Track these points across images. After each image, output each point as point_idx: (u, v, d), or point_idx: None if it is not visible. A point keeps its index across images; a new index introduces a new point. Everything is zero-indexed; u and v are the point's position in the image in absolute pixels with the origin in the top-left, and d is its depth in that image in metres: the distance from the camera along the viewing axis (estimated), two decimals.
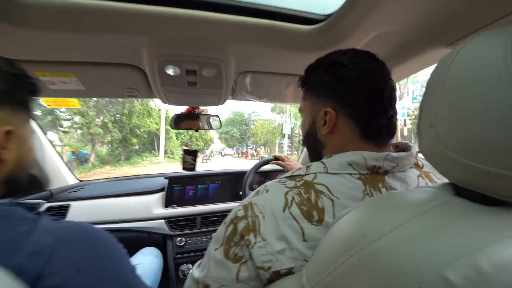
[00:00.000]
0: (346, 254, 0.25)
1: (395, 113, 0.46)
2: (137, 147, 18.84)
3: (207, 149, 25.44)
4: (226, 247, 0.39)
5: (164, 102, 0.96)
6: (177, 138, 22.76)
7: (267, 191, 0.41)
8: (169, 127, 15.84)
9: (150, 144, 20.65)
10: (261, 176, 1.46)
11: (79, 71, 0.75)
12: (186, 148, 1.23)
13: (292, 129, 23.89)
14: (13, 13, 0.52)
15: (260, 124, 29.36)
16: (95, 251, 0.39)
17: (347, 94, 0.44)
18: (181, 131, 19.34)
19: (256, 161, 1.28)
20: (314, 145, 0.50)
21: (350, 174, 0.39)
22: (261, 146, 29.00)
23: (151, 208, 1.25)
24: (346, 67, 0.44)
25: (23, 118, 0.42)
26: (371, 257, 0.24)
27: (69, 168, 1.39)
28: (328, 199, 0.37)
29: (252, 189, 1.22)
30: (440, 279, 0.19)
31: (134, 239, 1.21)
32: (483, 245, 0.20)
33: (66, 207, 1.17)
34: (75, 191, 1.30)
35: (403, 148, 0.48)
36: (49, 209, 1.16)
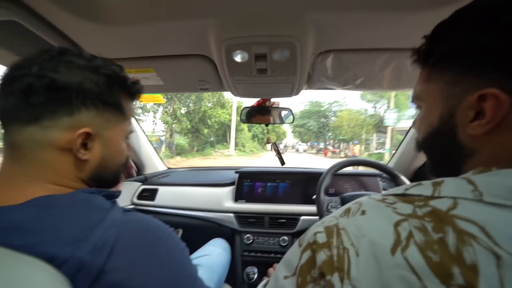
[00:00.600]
0: None
1: None
2: (211, 138, 18.90)
3: (280, 143, 25.57)
4: (301, 281, 0.28)
5: (234, 94, 0.91)
6: (249, 131, 21.83)
7: (363, 212, 0.28)
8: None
9: (223, 135, 20.21)
10: (341, 180, 1.24)
11: (157, 66, 0.77)
12: (268, 143, 1.21)
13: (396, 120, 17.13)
14: (99, 11, 0.54)
15: (346, 114, 23.72)
16: (158, 249, 0.37)
17: None
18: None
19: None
20: (450, 151, 0.31)
21: None
22: (356, 142, 22.77)
23: (222, 201, 1.26)
24: None
25: (112, 120, 0.42)
26: None
27: (159, 156, 1.59)
28: (483, 249, 0.21)
29: (327, 194, 1.03)
30: None
31: (207, 228, 1.25)
32: None
33: (155, 191, 1.33)
34: (163, 177, 1.47)
35: None
36: (143, 191, 1.35)
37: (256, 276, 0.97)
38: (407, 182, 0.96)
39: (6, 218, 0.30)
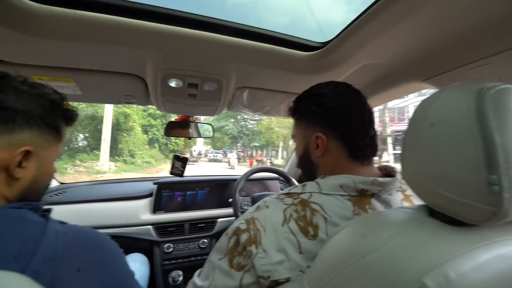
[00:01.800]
0: (344, 265, 0.31)
1: (376, 132, 0.53)
2: (76, 141, 12.07)
3: (194, 150, 21.98)
4: (230, 257, 0.42)
5: (160, 110, 0.97)
6: (146, 132, 15.03)
7: (267, 207, 0.45)
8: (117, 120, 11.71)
9: (98, 139, 11.19)
10: (250, 184, 1.50)
11: (79, 77, 0.75)
12: (179, 154, 1.24)
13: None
14: (15, 19, 0.52)
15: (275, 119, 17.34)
16: (100, 255, 0.41)
17: (333, 120, 0.50)
18: (152, 123, 14.85)
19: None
20: (308, 167, 0.55)
21: (341, 195, 0.45)
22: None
23: (138, 214, 1.23)
24: (329, 97, 0.51)
25: (50, 140, 0.44)
26: (366, 267, 0.29)
27: None
28: (321, 217, 0.42)
29: (240, 195, 1.25)
30: (420, 285, 0.25)
31: (120, 246, 1.18)
32: (450, 259, 0.26)
33: (48, 211, 1.12)
34: (56, 195, 1.25)
35: (389, 172, 0.54)
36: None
37: (181, 278, 1.04)
38: (296, 183, 1.33)
39: None
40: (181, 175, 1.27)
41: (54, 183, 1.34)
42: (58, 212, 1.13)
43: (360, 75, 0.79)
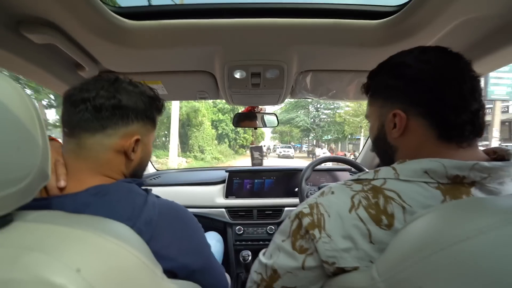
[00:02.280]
0: (424, 252, 0.26)
1: (482, 106, 0.40)
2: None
3: (264, 145, 20.62)
4: (293, 240, 0.42)
5: (228, 102, 1.05)
6: (216, 128, 15.49)
7: (333, 192, 0.42)
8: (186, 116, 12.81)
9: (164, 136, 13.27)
10: (318, 175, 1.45)
11: (164, 79, 0.90)
12: (252, 145, 1.33)
13: None
14: (115, 35, 0.65)
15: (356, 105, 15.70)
16: (185, 225, 0.50)
17: (417, 94, 0.42)
18: (221, 118, 15.64)
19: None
20: (385, 149, 0.48)
21: (426, 182, 0.37)
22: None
23: (214, 198, 1.39)
24: (412, 67, 0.42)
25: (149, 129, 0.55)
26: (454, 257, 0.24)
27: (149, 160, 1.67)
28: (399, 206, 0.36)
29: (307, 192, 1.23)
30: None
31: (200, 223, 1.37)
32: None
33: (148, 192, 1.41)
34: (154, 179, 1.55)
35: (502, 155, 0.41)
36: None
37: (250, 258, 1.12)
38: None
39: (72, 204, 0.40)
40: (261, 163, 1.36)
41: (152, 170, 1.66)
42: (155, 193, 1.40)
43: (457, 36, 0.62)
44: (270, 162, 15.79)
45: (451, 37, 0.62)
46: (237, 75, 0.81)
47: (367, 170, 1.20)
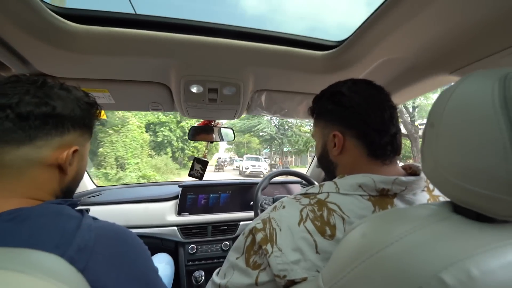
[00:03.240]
0: (358, 260, 0.30)
1: (398, 130, 0.50)
2: None
3: (220, 158, 19.55)
4: (247, 256, 0.43)
5: (184, 115, 1.03)
6: (154, 133, 11.60)
7: (284, 207, 0.45)
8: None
9: None
10: (273, 187, 1.50)
11: (112, 87, 0.83)
12: (199, 157, 1.29)
13: None
14: (56, 37, 0.59)
15: None
16: (127, 250, 0.44)
17: (350, 118, 0.49)
18: (162, 119, 11.64)
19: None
20: (327, 165, 0.55)
21: (360, 195, 0.43)
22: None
23: (164, 215, 1.30)
24: (346, 95, 0.50)
25: (86, 138, 0.50)
26: (379, 263, 0.28)
27: (88, 174, 1.47)
28: (339, 217, 0.41)
29: (262, 201, 1.26)
30: (437, 280, 0.24)
31: (148, 245, 1.25)
32: (473, 254, 0.24)
33: (86, 211, 1.23)
34: (93, 196, 1.37)
35: (414, 170, 0.51)
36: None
37: (203, 278, 1.06)
38: None
39: None
40: (200, 178, 1.31)
41: (91, 185, 1.47)
42: (95, 212, 1.24)
43: (381, 71, 0.76)
44: (228, 176, 13.88)
45: (377, 72, 0.76)
46: (194, 89, 0.81)
47: (316, 183, 1.32)
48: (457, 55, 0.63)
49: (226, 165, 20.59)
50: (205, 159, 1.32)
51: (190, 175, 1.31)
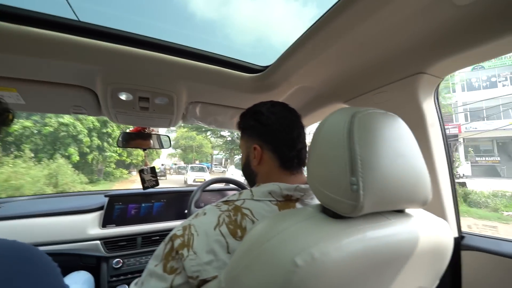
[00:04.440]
0: (246, 254, 0.37)
1: (304, 146, 0.62)
2: None
3: (162, 165, 17.83)
4: (165, 262, 0.45)
5: (113, 121, 0.98)
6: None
7: (205, 214, 0.49)
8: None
9: None
10: (209, 195, 1.52)
11: (22, 87, 0.74)
12: (144, 167, 1.24)
13: None
14: None
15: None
16: (30, 269, 0.41)
17: (267, 134, 0.58)
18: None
19: None
20: (250, 174, 0.63)
21: (269, 200, 0.51)
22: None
23: (86, 228, 1.17)
24: (264, 115, 0.59)
25: None
26: (261, 254, 0.36)
27: None
28: (250, 220, 0.47)
29: (198, 207, 1.27)
30: (291, 263, 0.32)
31: (63, 263, 1.09)
32: (319, 242, 0.34)
33: None
34: None
35: None
36: None
37: None
38: None
39: None
40: (157, 183, 1.27)
41: None
42: None
43: (297, 96, 0.91)
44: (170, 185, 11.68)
45: (294, 97, 0.91)
46: (123, 96, 0.79)
47: (249, 188, 1.41)
48: (349, 88, 0.82)
49: (172, 173, 18.91)
50: (151, 166, 1.27)
51: (145, 188, 1.25)
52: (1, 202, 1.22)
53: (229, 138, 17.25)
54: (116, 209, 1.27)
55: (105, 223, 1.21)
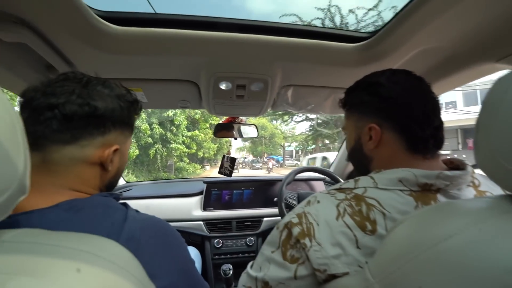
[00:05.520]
0: (413, 253, 0.29)
1: (442, 123, 0.47)
2: None
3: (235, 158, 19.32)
4: (283, 250, 0.43)
5: (211, 112, 1.05)
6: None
7: (318, 202, 0.44)
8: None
9: None
10: (295, 184, 1.49)
11: (145, 86, 0.87)
12: (227, 155, 1.32)
13: None
14: (97, 39, 0.63)
15: None
16: (169, 240, 0.46)
17: (389, 110, 0.47)
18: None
19: None
20: (361, 160, 0.53)
21: (401, 190, 0.41)
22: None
23: (191, 210, 1.34)
24: (385, 86, 0.48)
25: (127, 136, 0.51)
26: (439, 255, 0.27)
27: None
28: (379, 213, 0.39)
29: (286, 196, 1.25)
30: (501, 282, 0.22)
31: None
32: None
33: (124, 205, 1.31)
34: (124, 191, 1.45)
35: (457, 164, 0.48)
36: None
37: (232, 271, 1.09)
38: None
39: (41, 219, 0.36)
40: (230, 174, 1.34)
41: (121, 181, 1.55)
42: None
43: (418, 61, 0.72)
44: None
45: (413, 63, 0.72)
46: (223, 86, 0.82)
47: (341, 179, 1.30)
48: (503, 42, 0.58)
49: (244, 167, 19.26)
50: (234, 157, 1.35)
51: (220, 172, 1.35)
52: (130, 186, 1.54)
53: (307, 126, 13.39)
54: (213, 194, 1.40)
55: (205, 206, 1.36)
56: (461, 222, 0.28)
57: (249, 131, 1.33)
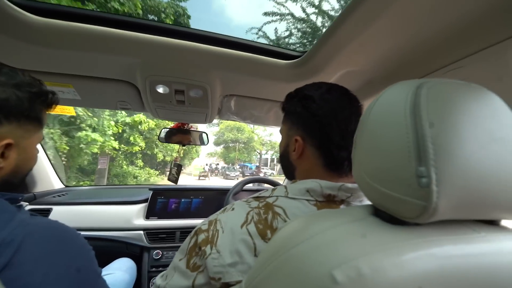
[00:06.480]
0: (271, 258, 0.30)
1: None
2: None
3: (207, 164, 17.57)
4: (188, 257, 0.42)
5: (154, 116, 1.03)
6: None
7: (233, 209, 0.45)
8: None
9: None
10: (245, 195, 1.49)
11: (76, 83, 0.82)
12: (175, 161, 1.29)
13: None
14: (16, 29, 0.59)
15: None
16: (63, 248, 0.42)
17: (314, 127, 0.49)
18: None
19: None
20: (287, 166, 0.55)
21: (307, 200, 0.43)
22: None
23: (132, 219, 1.26)
24: (316, 103, 0.49)
25: (30, 130, 0.47)
26: (287, 261, 0.28)
27: (56, 173, 1.42)
28: (282, 221, 0.41)
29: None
30: (328, 278, 0.24)
31: (111, 249, 1.20)
32: (368, 253, 0.24)
33: (48, 211, 1.18)
34: (59, 196, 1.31)
35: None
36: (30, 211, 1.17)
37: None
38: None
39: None
40: (176, 181, 1.30)
41: (59, 185, 1.41)
42: (58, 213, 1.19)
43: (345, 82, 0.79)
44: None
45: (342, 83, 0.79)
46: (160, 89, 0.81)
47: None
48: (411, 68, 0.66)
49: (217, 174, 18.24)
50: (179, 163, 1.31)
51: (168, 179, 1.30)
52: (68, 190, 1.41)
53: None
54: (159, 202, 1.34)
55: (148, 215, 1.28)
56: (315, 228, 0.29)
57: (198, 139, 1.32)
